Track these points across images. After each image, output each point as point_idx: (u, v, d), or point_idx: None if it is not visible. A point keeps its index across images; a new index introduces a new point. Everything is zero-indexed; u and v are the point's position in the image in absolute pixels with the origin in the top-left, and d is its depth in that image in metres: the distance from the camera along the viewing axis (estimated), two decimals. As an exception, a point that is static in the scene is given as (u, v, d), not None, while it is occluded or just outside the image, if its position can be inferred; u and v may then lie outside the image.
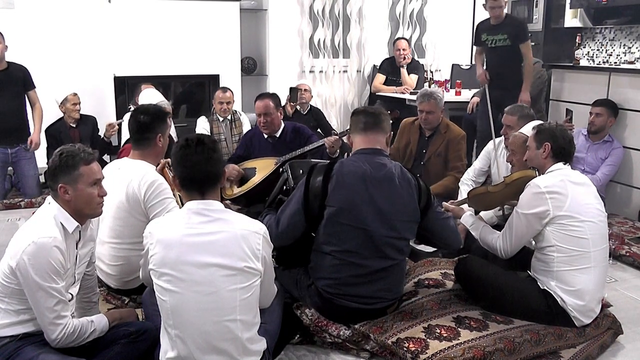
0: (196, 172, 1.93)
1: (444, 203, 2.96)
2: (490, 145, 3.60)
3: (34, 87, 4.54)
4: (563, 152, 2.52)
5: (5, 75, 4.37)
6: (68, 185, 1.99)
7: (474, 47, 4.98)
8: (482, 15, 6.48)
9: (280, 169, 3.47)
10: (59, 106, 4.70)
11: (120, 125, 4.75)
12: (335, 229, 2.35)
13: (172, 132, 4.51)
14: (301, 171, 3.12)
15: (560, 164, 2.51)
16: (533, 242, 2.58)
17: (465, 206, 2.92)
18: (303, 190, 2.39)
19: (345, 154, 4.35)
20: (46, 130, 4.73)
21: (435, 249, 3.31)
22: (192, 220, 1.91)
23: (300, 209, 2.38)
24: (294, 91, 5.20)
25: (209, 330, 1.87)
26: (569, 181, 2.44)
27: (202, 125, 4.78)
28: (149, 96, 4.13)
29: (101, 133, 4.91)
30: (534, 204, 2.42)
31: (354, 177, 2.35)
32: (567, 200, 2.39)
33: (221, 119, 4.78)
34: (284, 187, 3.21)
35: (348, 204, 2.33)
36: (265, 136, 3.98)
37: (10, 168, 4.67)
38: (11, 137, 4.49)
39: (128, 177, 2.58)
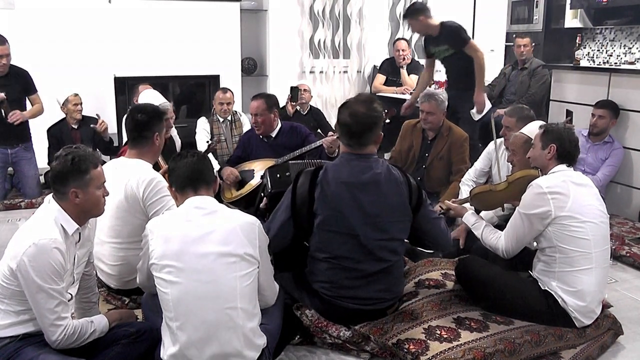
0: (188, 170, 2.07)
1: (446, 201, 2.95)
2: (491, 146, 3.60)
3: (36, 91, 4.55)
4: (568, 155, 2.52)
5: (7, 79, 4.37)
6: (79, 189, 2.00)
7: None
8: (483, 15, 6.52)
9: (262, 176, 3.45)
10: (61, 107, 4.70)
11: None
12: (326, 236, 2.34)
13: (174, 134, 4.51)
14: (278, 175, 3.12)
15: (563, 166, 2.51)
16: (535, 243, 2.58)
17: (467, 205, 2.92)
18: (290, 199, 2.38)
19: None
20: (48, 131, 4.72)
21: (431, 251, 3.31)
22: (190, 213, 2.00)
23: (290, 217, 2.38)
24: (294, 90, 5.20)
25: (210, 319, 1.89)
26: (570, 182, 2.44)
27: (202, 126, 4.78)
28: (150, 97, 4.12)
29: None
30: (536, 204, 2.42)
31: (339, 183, 2.32)
32: (569, 201, 2.39)
33: (221, 119, 4.78)
34: (262, 194, 3.19)
35: (335, 212, 2.32)
36: (262, 136, 3.98)
37: (10, 168, 4.67)
38: (11, 138, 4.49)
39: (126, 177, 2.59)
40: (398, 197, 2.36)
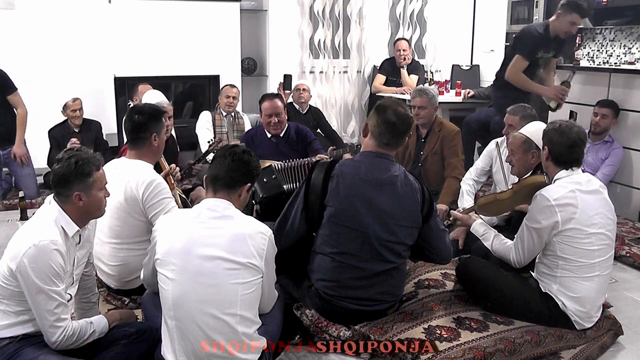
0: (216, 170, 2.06)
1: (453, 212, 2.95)
2: (491, 145, 3.60)
3: (15, 89, 4.40)
4: (560, 158, 2.42)
5: None
6: (83, 192, 2.00)
7: (521, 62, 4.21)
8: (483, 15, 6.52)
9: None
10: (62, 112, 4.68)
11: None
12: (334, 230, 2.34)
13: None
14: (265, 180, 3.12)
15: (567, 171, 2.42)
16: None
17: (472, 214, 2.91)
18: (304, 189, 2.38)
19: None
20: (49, 132, 4.71)
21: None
22: (202, 214, 2.00)
23: (302, 207, 2.38)
24: (288, 78, 5.19)
25: (208, 322, 1.90)
26: (579, 190, 2.37)
27: (205, 118, 4.84)
28: (151, 97, 4.12)
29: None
30: (543, 216, 2.37)
31: (355, 178, 2.34)
32: (577, 212, 2.34)
33: (224, 113, 4.82)
34: (253, 201, 3.18)
35: (347, 205, 2.32)
36: (269, 135, 3.98)
37: (5, 169, 4.65)
38: (1, 140, 4.46)
39: (126, 178, 2.58)
40: (411, 202, 2.36)
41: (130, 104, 4.74)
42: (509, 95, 4.16)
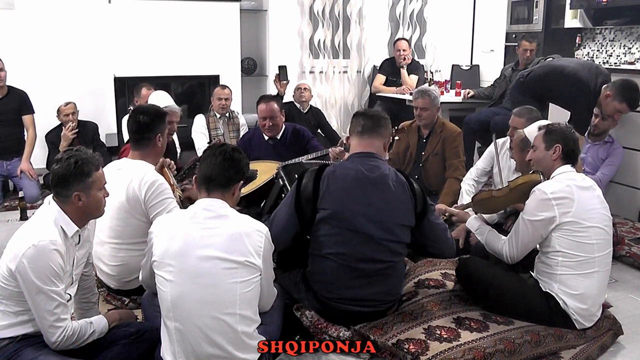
0: (208, 170, 2.04)
1: (449, 208, 2.96)
2: (492, 146, 3.60)
3: (32, 112, 4.52)
4: (572, 154, 2.51)
5: (4, 104, 4.38)
6: (82, 192, 2.00)
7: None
8: (483, 15, 6.52)
9: (275, 176, 3.44)
10: (57, 117, 4.67)
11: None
12: (329, 231, 2.34)
13: (174, 136, 4.49)
14: (296, 175, 3.12)
15: (567, 167, 2.49)
16: (537, 245, 2.57)
17: (468, 210, 2.92)
18: (294, 195, 2.39)
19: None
20: (46, 136, 4.71)
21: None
22: (198, 215, 1.99)
23: (293, 213, 2.38)
24: (282, 69, 5.19)
25: (208, 323, 1.90)
26: (575, 186, 2.41)
27: (200, 122, 4.83)
28: (159, 99, 4.09)
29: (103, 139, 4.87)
30: (540, 210, 2.40)
31: (347, 179, 2.34)
32: (574, 205, 2.37)
33: (218, 115, 4.82)
34: (282, 194, 3.19)
35: (341, 207, 2.32)
36: (266, 137, 3.98)
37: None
38: (6, 152, 4.51)
39: (128, 178, 2.58)
40: (405, 200, 2.37)
41: (130, 108, 4.73)
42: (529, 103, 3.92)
